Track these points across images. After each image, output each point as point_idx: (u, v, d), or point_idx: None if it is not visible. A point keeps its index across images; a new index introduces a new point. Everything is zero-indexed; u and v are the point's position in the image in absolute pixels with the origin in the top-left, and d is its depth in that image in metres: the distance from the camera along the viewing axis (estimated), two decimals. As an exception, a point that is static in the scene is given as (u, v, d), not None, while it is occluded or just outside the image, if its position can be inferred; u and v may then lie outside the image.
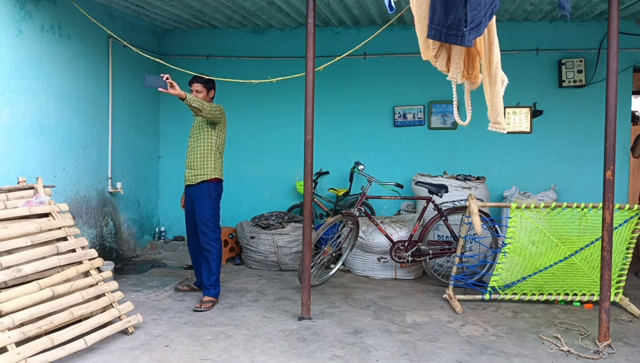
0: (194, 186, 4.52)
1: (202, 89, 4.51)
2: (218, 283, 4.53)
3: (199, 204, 4.49)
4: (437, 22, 2.92)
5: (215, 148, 4.54)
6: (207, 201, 4.48)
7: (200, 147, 4.51)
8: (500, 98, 3.11)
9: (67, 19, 5.10)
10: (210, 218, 4.48)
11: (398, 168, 6.61)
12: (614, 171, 3.59)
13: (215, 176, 4.52)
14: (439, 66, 3.14)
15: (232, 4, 5.60)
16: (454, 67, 3.11)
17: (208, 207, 4.48)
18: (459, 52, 3.09)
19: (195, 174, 4.51)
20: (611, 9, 3.52)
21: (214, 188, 4.52)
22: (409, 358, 3.43)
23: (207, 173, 4.49)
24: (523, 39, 6.36)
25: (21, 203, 3.67)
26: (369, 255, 5.53)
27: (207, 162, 4.50)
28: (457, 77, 3.13)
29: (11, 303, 3.09)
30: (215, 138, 4.55)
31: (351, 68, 6.54)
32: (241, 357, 3.39)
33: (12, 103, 4.45)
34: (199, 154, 4.51)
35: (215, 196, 4.53)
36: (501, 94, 3.11)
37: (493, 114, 3.16)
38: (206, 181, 4.49)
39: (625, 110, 6.20)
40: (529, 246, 4.38)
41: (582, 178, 6.34)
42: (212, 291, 4.47)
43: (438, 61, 3.12)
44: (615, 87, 3.57)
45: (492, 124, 3.19)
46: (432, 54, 3.09)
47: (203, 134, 4.53)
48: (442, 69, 3.15)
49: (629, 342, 3.76)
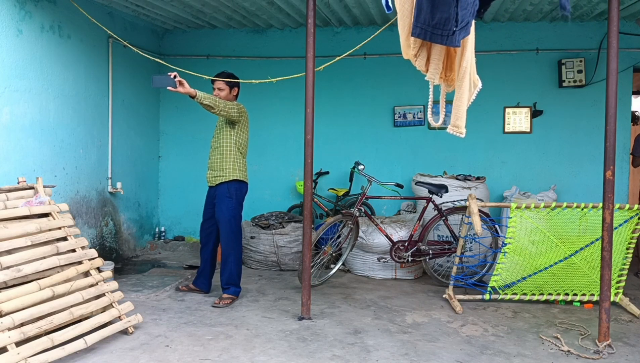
0: (215, 186, 4.51)
1: (225, 87, 4.49)
2: (238, 283, 4.54)
3: (219, 205, 4.46)
4: (423, 21, 2.92)
5: (235, 148, 4.48)
6: (227, 201, 4.44)
7: (221, 147, 4.47)
8: (464, 102, 3.10)
9: (67, 19, 5.10)
10: (230, 219, 4.44)
11: (398, 168, 6.61)
12: (614, 171, 3.59)
13: (235, 177, 4.46)
14: (418, 65, 3.15)
15: (232, 4, 5.60)
16: (433, 67, 3.12)
17: (228, 208, 4.44)
18: (439, 53, 3.10)
19: (215, 176, 4.48)
20: (611, 9, 3.52)
21: (235, 189, 4.47)
22: (409, 358, 3.43)
23: (225, 174, 4.45)
24: (523, 39, 6.36)
25: (21, 203, 3.66)
26: (369, 255, 5.53)
27: (226, 163, 4.46)
28: (435, 78, 3.15)
29: (11, 303, 3.09)
30: (235, 137, 4.48)
31: (351, 68, 6.54)
32: (241, 357, 3.39)
33: (12, 103, 4.45)
34: (218, 154, 4.48)
35: (235, 197, 4.47)
36: (466, 98, 3.10)
37: (453, 117, 3.16)
38: (225, 183, 4.45)
39: (625, 110, 6.20)
40: (529, 246, 4.38)
41: (582, 178, 6.34)
42: (233, 290, 4.51)
43: (417, 60, 3.13)
44: (615, 87, 3.56)
45: (451, 126, 3.20)
46: (412, 53, 3.10)
47: (223, 134, 4.49)
48: (421, 68, 3.16)
49: (629, 342, 3.76)
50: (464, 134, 3.24)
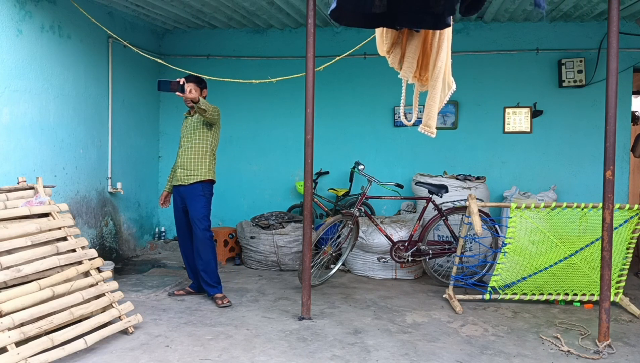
0: (187, 186, 4.50)
1: (196, 89, 4.48)
2: (219, 279, 4.56)
3: (193, 203, 4.47)
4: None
5: (210, 149, 4.54)
6: (202, 199, 4.48)
7: (195, 147, 4.50)
8: (436, 102, 3.08)
9: (67, 19, 5.10)
10: (205, 216, 4.49)
11: (398, 168, 6.60)
12: (614, 171, 3.59)
13: (209, 177, 4.52)
14: (391, 62, 3.11)
15: (232, 4, 5.60)
16: (407, 65, 3.08)
17: (202, 206, 4.48)
18: (414, 50, 3.05)
19: (189, 175, 4.49)
20: (611, 9, 3.52)
21: (208, 188, 4.54)
22: (409, 358, 3.43)
23: (201, 174, 4.48)
24: (523, 39, 6.36)
25: (21, 203, 3.66)
26: (369, 255, 5.53)
27: (202, 163, 4.49)
28: (409, 76, 3.11)
29: (11, 303, 3.09)
30: (211, 139, 4.55)
31: (351, 68, 6.54)
32: (241, 357, 3.39)
33: (12, 103, 4.46)
34: (193, 154, 4.49)
35: (208, 196, 4.54)
36: (437, 99, 3.08)
37: (425, 117, 3.15)
38: (200, 182, 4.49)
39: (625, 110, 6.20)
40: (529, 246, 4.38)
41: (582, 178, 6.34)
42: (220, 287, 4.53)
43: (391, 57, 3.09)
44: (615, 87, 3.56)
45: (422, 126, 3.18)
46: (385, 49, 3.07)
47: (198, 134, 4.51)
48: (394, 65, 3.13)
49: (629, 342, 3.76)
50: (435, 134, 3.23)
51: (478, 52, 6.43)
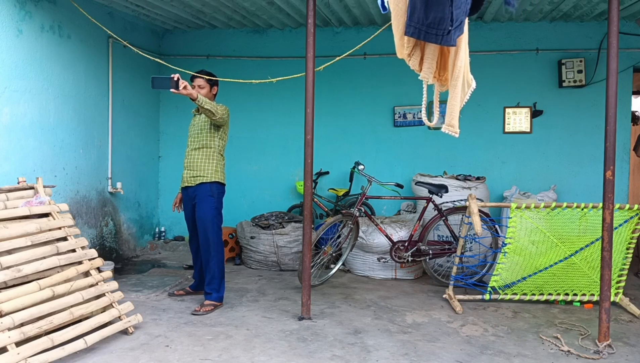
0: (194, 187, 4.39)
1: (205, 85, 4.40)
2: (222, 287, 4.39)
3: (201, 204, 4.34)
4: (417, 20, 2.92)
5: (218, 151, 4.43)
6: (210, 200, 4.33)
7: (203, 148, 4.39)
8: (458, 102, 3.11)
9: (67, 19, 5.10)
10: (213, 218, 4.33)
11: (398, 168, 6.61)
12: (614, 171, 3.59)
13: (217, 179, 4.38)
14: (412, 65, 3.14)
15: (232, 4, 5.60)
16: (427, 67, 3.11)
17: (211, 207, 4.33)
18: (433, 52, 3.10)
19: (195, 176, 4.37)
20: (611, 9, 3.52)
21: (216, 188, 4.40)
22: (409, 358, 3.43)
23: (208, 176, 4.36)
24: (523, 39, 6.36)
25: (21, 203, 3.66)
26: (369, 255, 5.53)
27: (209, 164, 4.37)
28: (429, 78, 3.14)
29: (11, 303, 3.09)
30: (219, 139, 4.42)
31: (351, 68, 6.54)
32: (241, 357, 3.39)
33: (12, 103, 4.46)
34: (200, 155, 4.38)
35: (217, 196, 4.39)
36: (459, 99, 3.11)
37: (448, 117, 3.17)
38: (207, 183, 4.36)
39: (625, 110, 6.20)
40: (529, 246, 4.38)
41: (582, 178, 6.34)
42: (215, 295, 4.34)
43: (411, 60, 3.13)
44: (615, 87, 3.56)
45: (446, 126, 3.21)
46: (406, 53, 3.10)
47: (205, 135, 4.40)
48: (414, 68, 3.16)
49: (629, 342, 3.76)
50: (458, 134, 3.25)
51: (478, 52, 6.41)
